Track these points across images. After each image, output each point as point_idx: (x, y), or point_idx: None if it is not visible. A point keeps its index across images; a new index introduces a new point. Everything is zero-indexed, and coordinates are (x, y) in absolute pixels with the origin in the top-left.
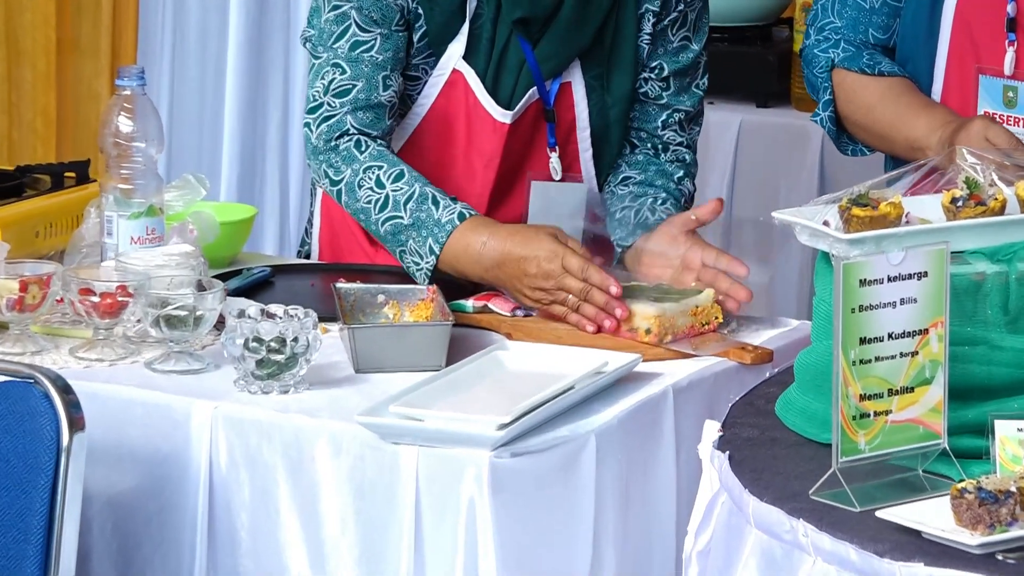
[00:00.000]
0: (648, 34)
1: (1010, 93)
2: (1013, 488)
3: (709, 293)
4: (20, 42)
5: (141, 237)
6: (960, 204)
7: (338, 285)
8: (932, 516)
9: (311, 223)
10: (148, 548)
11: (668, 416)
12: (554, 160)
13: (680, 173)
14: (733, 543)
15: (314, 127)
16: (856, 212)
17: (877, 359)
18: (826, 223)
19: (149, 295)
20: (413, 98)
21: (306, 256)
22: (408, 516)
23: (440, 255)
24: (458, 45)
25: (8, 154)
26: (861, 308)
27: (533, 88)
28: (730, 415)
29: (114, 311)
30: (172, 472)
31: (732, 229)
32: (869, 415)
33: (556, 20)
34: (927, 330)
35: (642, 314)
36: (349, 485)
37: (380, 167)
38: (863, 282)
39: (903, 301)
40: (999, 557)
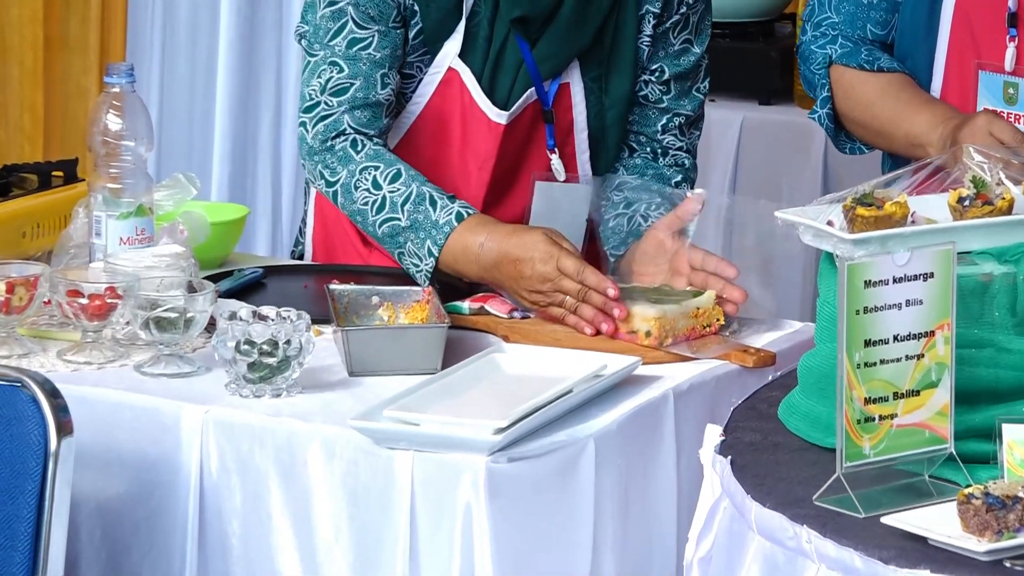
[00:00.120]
0: (648, 36)
1: (1010, 89)
2: (1021, 494)
3: (710, 295)
4: (7, 39)
5: (130, 237)
6: (967, 203)
7: (332, 286)
8: (938, 522)
9: (305, 223)
10: (137, 555)
11: (668, 420)
12: (555, 161)
13: (679, 178)
14: (735, 550)
15: (310, 127)
16: (861, 212)
17: (882, 362)
18: (830, 223)
19: (138, 297)
20: (408, 96)
21: (299, 257)
22: (403, 522)
23: (439, 257)
24: (454, 43)
25: None
26: (866, 310)
27: (531, 89)
28: (732, 419)
29: (103, 313)
30: (162, 477)
31: (734, 228)
32: (874, 419)
33: (555, 20)
34: (933, 332)
35: (642, 316)
36: (343, 491)
37: (376, 167)
38: (868, 283)
39: (909, 303)
40: (1007, 564)
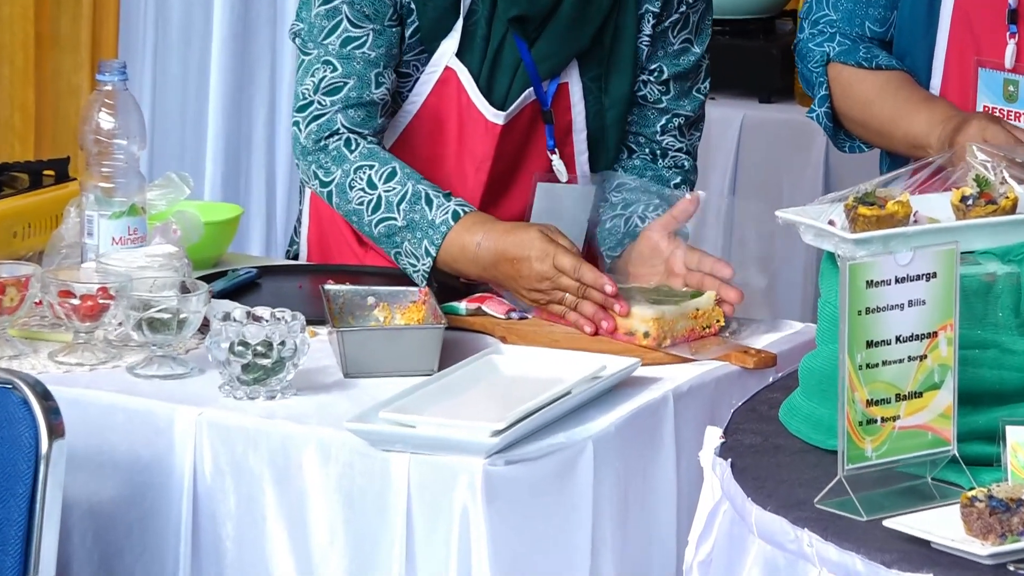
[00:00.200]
0: (648, 35)
1: (1011, 87)
2: None
3: (710, 296)
4: None
5: (123, 237)
6: (970, 202)
7: (327, 287)
8: (941, 525)
9: (300, 222)
10: (130, 558)
11: (668, 422)
12: (556, 162)
13: (677, 180)
14: (735, 553)
15: (303, 126)
16: (863, 211)
17: (884, 363)
18: (831, 222)
19: (131, 297)
20: (404, 96)
21: (294, 257)
22: (399, 526)
23: (437, 256)
24: (451, 42)
25: None
26: (868, 310)
27: (529, 89)
28: (732, 421)
29: (95, 314)
30: (155, 480)
31: (734, 228)
32: (876, 421)
33: (554, 19)
34: (936, 333)
35: (640, 317)
36: (338, 494)
37: (371, 166)
38: (870, 283)
39: (911, 303)
40: (1010, 568)
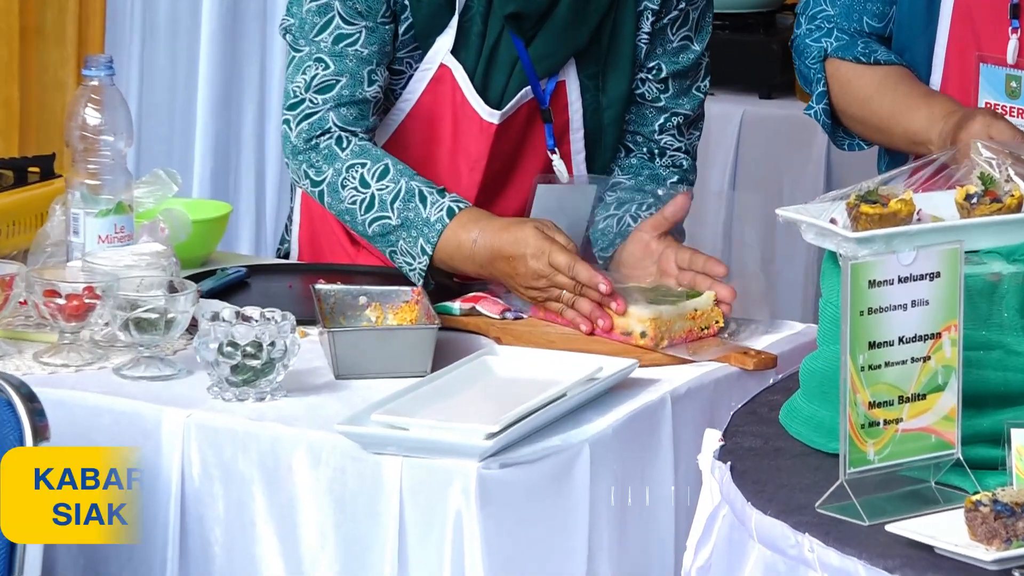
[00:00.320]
0: (647, 33)
1: (1013, 83)
2: None
3: (709, 296)
4: None
5: (109, 236)
6: (975, 201)
7: (318, 286)
8: (945, 530)
9: (291, 220)
10: (116, 564)
11: (666, 425)
12: (557, 162)
13: (675, 179)
14: (735, 558)
15: (293, 125)
16: (865, 209)
17: (887, 364)
18: (833, 221)
19: (118, 297)
20: (397, 93)
21: (285, 256)
22: (391, 530)
23: (433, 255)
24: (446, 39)
25: None
26: (870, 311)
27: (525, 88)
28: (731, 424)
29: (80, 314)
30: (142, 483)
31: (733, 226)
32: (878, 423)
33: (552, 17)
34: (940, 334)
35: (637, 316)
36: (329, 497)
37: (363, 164)
38: (872, 283)
39: (914, 303)
40: (1015, 573)
